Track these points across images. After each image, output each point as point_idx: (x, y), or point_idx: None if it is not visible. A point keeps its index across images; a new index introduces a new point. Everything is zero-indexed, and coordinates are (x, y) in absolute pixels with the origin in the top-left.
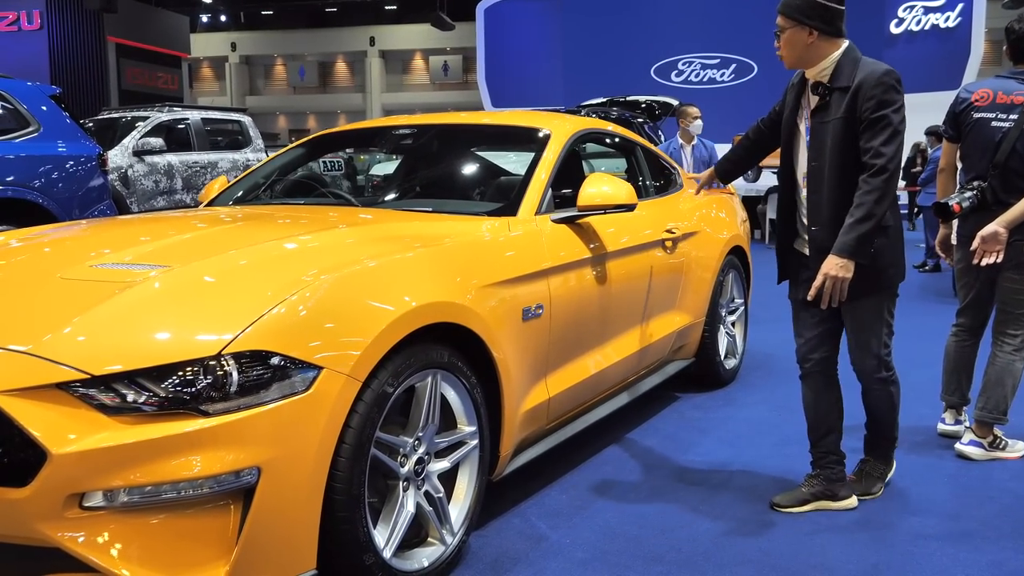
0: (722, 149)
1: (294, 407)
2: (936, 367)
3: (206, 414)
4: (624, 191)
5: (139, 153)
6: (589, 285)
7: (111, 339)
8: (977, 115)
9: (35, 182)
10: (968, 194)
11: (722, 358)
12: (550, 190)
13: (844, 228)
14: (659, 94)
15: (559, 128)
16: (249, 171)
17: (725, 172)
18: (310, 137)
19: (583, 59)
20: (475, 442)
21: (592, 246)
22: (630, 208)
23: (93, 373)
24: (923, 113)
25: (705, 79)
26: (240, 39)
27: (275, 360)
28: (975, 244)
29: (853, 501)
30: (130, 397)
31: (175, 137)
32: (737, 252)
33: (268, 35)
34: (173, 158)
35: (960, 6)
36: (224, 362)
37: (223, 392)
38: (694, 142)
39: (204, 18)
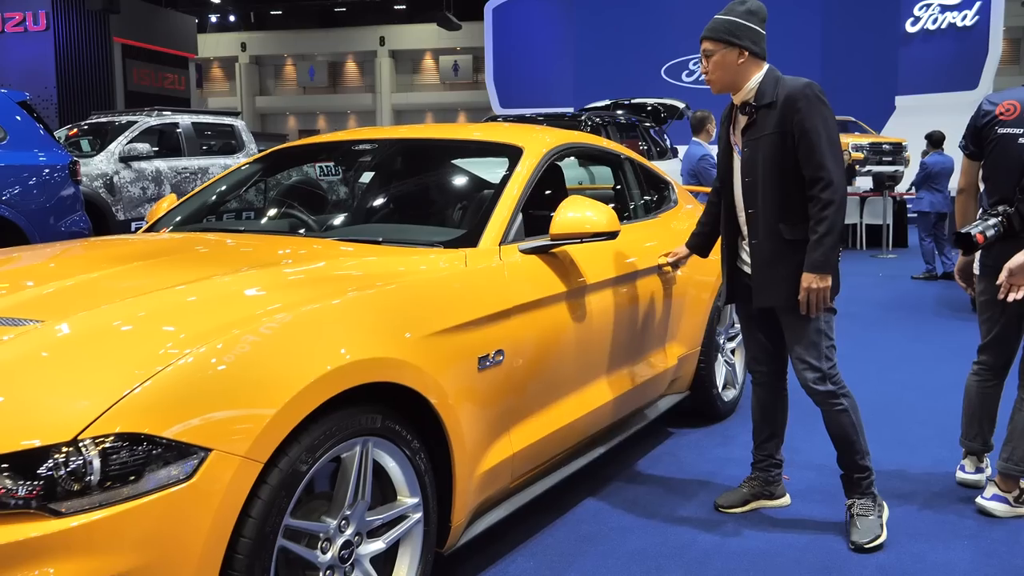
0: None
1: (173, 500)
2: (955, 395)
3: (59, 513)
4: (604, 217)
5: (126, 159)
6: (562, 324)
7: None
8: (1002, 130)
9: (0, 194)
10: (992, 221)
11: (720, 390)
12: (520, 216)
13: (811, 245)
14: (667, 96)
15: (533, 143)
16: (200, 188)
17: (698, 246)
18: (266, 152)
19: (593, 59)
20: (419, 515)
21: (567, 279)
22: (611, 236)
23: None
24: (938, 114)
25: None
26: (250, 39)
27: (148, 444)
28: (1002, 278)
29: (787, 499)
30: None
31: (166, 142)
32: None
33: (278, 35)
34: (162, 164)
35: (977, 4)
36: (83, 448)
37: (81, 486)
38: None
39: (213, 18)
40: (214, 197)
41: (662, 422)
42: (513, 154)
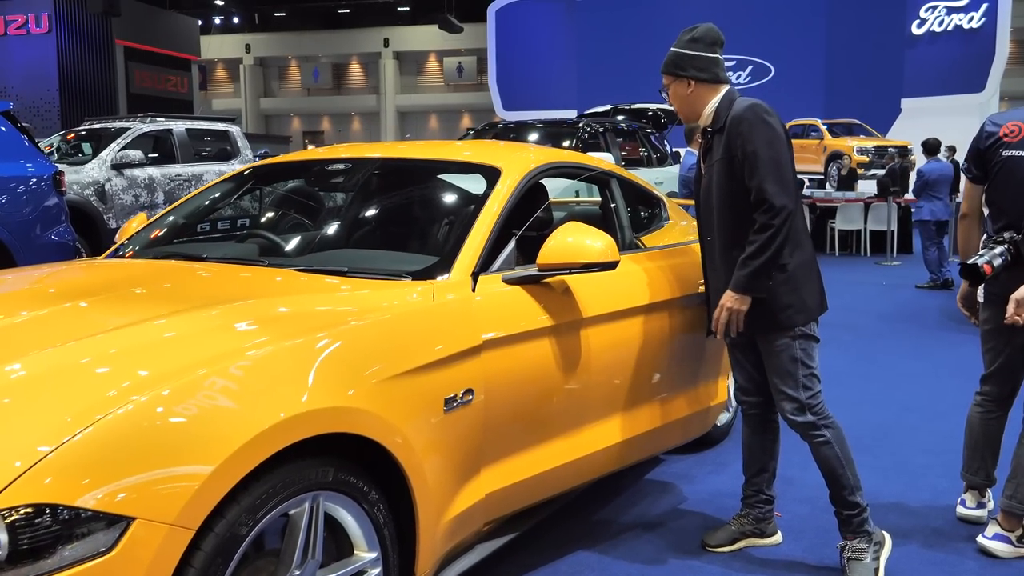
0: None
1: (92, 575)
2: (958, 417)
3: None
4: (599, 246)
5: (118, 166)
6: (545, 361)
7: None
8: (1007, 152)
9: None
10: (998, 250)
11: None
12: (512, 242)
13: (738, 264)
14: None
15: (514, 163)
16: (171, 208)
17: None
18: (240, 170)
19: (597, 61)
20: (378, 571)
21: (554, 313)
22: (609, 267)
23: None
24: (945, 117)
25: None
26: (254, 41)
27: (64, 513)
28: (1009, 312)
29: (779, 537)
30: None
31: (160, 148)
32: None
33: (282, 37)
34: (155, 171)
35: (984, 6)
36: None
37: None
38: None
39: (217, 20)
40: (183, 218)
41: None
42: (491, 175)
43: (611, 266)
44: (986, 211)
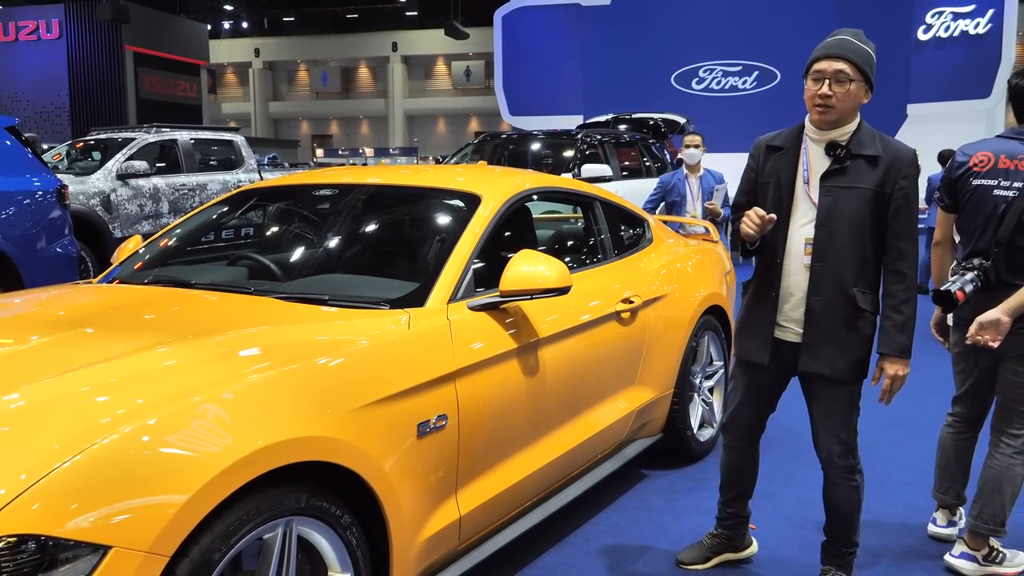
0: (740, 159)
1: None
2: (936, 435)
3: None
4: (555, 273)
5: (123, 176)
6: (512, 383)
7: None
8: (976, 182)
9: None
10: (969, 276)
11: (695, 431)
12: (471, 269)
13: (895, 326)
14: (677, 104)
15: (494, 191)
16: (164, 230)
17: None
18: (230, 194)
19: (602, 67)
20: None
21: (518, 336)
22: (562, 292)
23: None
24: (951, 123)
25: (727, 87)
26: (263, 45)
27: (44, 543)
28: (971, 331)
29: (754, 548)
30: None
31: (165, 158)
32: (716, 311)
33: (291, 41)
34: (159, 181)
35: (991, 12)
36: None
37: None
38: (700, 172)
39: (226, 25)
40: (175, 241)
41: (635, 463)
42: (470, 202)
43: (564, 291)
44: (957, 238)
